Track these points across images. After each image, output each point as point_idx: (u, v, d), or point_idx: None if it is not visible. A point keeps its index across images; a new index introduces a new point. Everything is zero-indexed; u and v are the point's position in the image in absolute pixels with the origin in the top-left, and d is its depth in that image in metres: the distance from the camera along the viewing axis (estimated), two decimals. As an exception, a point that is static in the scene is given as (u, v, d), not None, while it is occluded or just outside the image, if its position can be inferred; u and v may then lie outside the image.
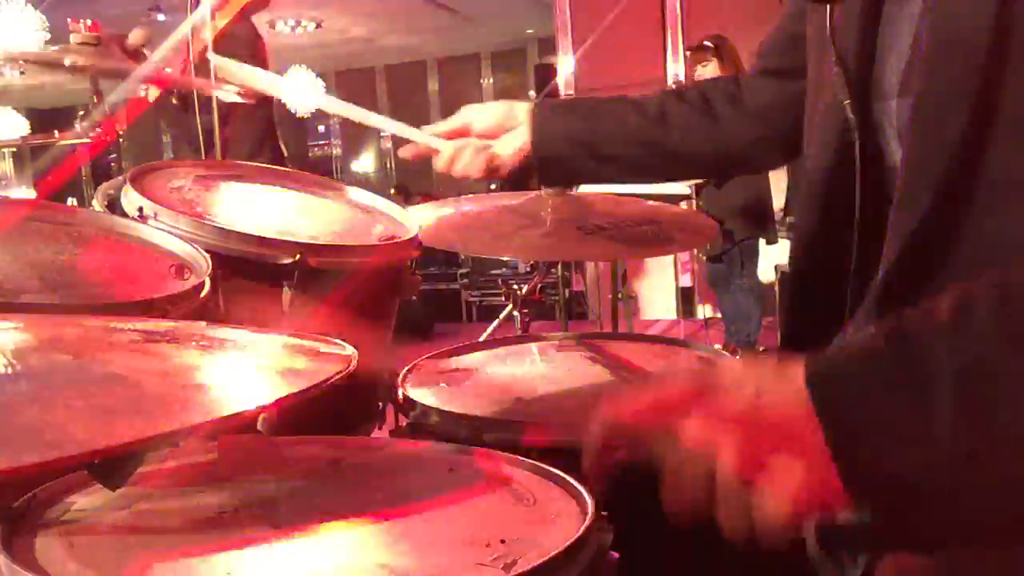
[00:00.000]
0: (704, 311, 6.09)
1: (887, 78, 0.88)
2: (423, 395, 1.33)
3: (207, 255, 1.20)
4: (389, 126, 1.43)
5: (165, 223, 1.26)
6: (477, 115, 1.34)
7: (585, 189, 1.94)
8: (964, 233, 0.75)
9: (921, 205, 0.78)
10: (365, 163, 11.97)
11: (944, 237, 0.76)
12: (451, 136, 1.35)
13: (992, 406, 0.56)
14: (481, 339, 1.75)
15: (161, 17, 7.65)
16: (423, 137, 1.37)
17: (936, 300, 0.61)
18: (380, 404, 1.47)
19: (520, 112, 1.31)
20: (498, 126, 1.31)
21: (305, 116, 9.93)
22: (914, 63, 0.84)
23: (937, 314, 0.59)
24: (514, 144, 1.29)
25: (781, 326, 1.05)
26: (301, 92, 1.41)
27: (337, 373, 0.73)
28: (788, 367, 0.63)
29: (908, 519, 0.60)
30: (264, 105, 3.57)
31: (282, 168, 1.67)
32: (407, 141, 1.39)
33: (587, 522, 0.73)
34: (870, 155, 0.90)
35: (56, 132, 2.20)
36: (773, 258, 5.04)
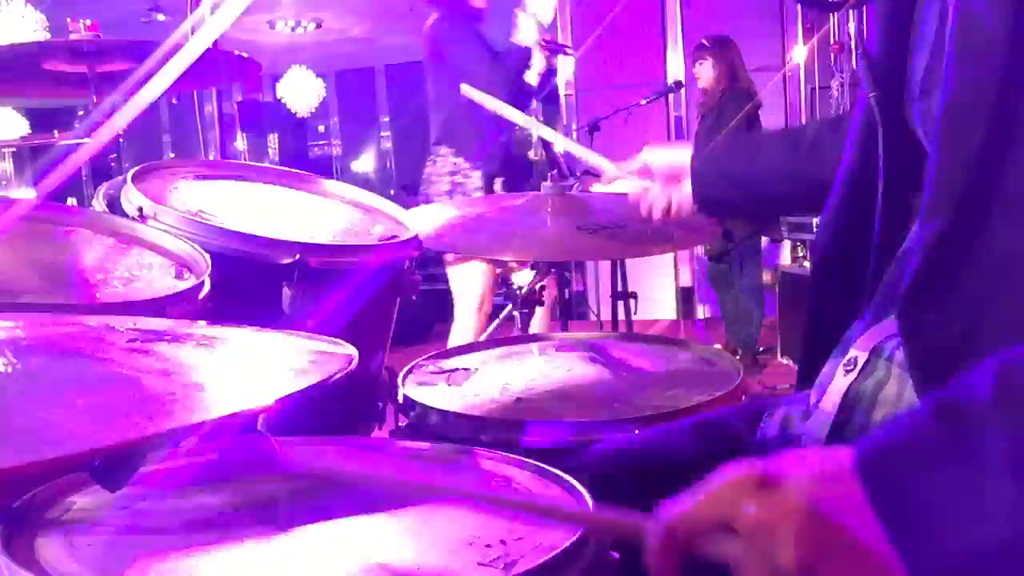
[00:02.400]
0: (704, 311, 6.09)
1: (916, 78, 0.88)
2: (423, 395, 1.33)
3: (207, 255, 1.20)
4: (587, 155, 1.45)
5: (165, 223, 1.26)
6: (656, 157, 1.35)
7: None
8: (986, 243, 0.75)
9: (945, 216, 0.78)
10: (365, 163, 11.95)
11: (966, 248, 0.76)
12: (635, 173, 1.37)
13: None
14: (481, 339, 1.75)
15: (161, 17, 7.64)
16: (615, 170, 1.39)
17: (975, 374, 0.60)
18: (380, 404, 1.47)
19: (687, 156, 1.32)
20: (674, 169, 1.32)
21: (305, 116, 9.93)
22: (931, 67, 0.84)
23: (980, 391, 0.59)
24: (687, 189, 1.31)
25: (805, 324, 1.05)
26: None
27: (337, 373, 0.73)
28: (836, 455, 0.62)
29: None
30: None
31: (282, 168, 1.67)
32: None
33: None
34: (895, 150, 0.90)
35: (56, 132, 2.20)
36: (773, 258, 5.04)
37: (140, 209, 1.27)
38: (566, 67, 6.60)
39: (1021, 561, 0.56)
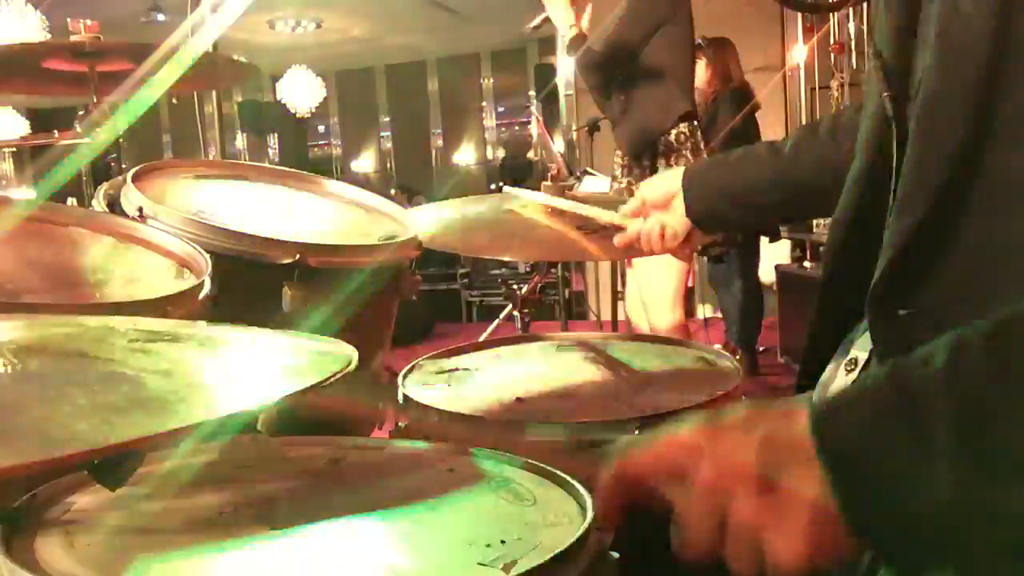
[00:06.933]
0: (704, 311, 6.09)
1: (916, 78, 0.88)
2: (423, 395, 1.33)
3: (207, 255, 1.20)
4: (580, 209, 1.46)
5: (165, 223, 1.26)
6: (648, 189, 1.36)
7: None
8: (959, 238, 0.76)
9: (919, 209, 0.78)
10: (365, 163, 11.95)
11: (939, 242, 0.76)
12: (635, 214, 1.37)
13: (991, 445, 0.56)
14: (481, 339, 1.75)
15: (161, 17, 7.64)
16: (610, 216, 1.41)
17: (933, 345, 0.61)
18: (380, 404, 1.47)
19: (678, 177, 1.32)
20: (666, 194, 1.32)
21: (305, 116, 9.92)
22: (926, 66, 0.84)
23: (934, 358, 0.60)
24: (679, 210, 1.31)
25: (809, 326, 1.05)
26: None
27: (337, 373, 0.73)
28: (794, 410, 0.63)
29: (911, 558, 0.60)
30: None
31: (282, 168, 1.68)
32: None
33: (587, 522, 0.73)
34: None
35: (56, 132, 2.20)
36: (773, 258, 5.04)
37: (140, 209, 1.28)
38: (566, 66, 6.60)
39: (960, 524, 0.57)
